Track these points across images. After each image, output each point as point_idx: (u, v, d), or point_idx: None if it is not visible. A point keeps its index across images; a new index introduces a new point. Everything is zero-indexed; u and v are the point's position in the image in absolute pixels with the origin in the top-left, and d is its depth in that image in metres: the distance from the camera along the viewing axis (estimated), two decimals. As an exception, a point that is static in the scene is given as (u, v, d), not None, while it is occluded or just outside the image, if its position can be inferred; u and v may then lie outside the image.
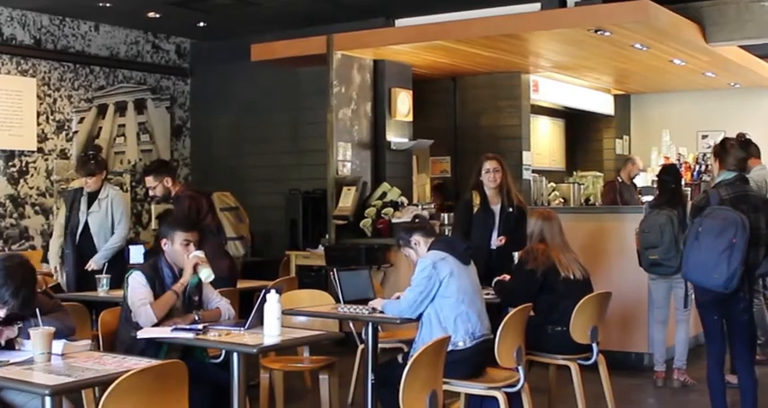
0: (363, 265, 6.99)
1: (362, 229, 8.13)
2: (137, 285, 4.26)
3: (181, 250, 4.35)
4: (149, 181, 6.12)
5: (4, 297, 3.59)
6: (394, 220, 7.88)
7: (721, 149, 4.97)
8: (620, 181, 9.22)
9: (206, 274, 4.34)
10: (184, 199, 5.98)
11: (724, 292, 4.61)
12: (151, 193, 6.23)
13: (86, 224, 6.54)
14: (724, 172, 4.90)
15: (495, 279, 5.37)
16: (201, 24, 9.61)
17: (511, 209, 5.97)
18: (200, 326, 4.11)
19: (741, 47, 9.26)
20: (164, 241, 4.39)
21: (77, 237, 6.54)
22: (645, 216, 6.32)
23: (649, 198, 7.57)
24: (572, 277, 5.12)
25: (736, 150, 4.92)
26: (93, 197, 6.60)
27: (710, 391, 4.94)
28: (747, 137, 5.23)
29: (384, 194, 8.31)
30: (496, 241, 5.93)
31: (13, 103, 8.76)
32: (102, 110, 9.71)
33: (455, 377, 4.32)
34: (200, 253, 4.36)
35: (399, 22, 8.95)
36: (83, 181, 6.57)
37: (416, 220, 5.26)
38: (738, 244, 4.53)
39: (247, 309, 4.29)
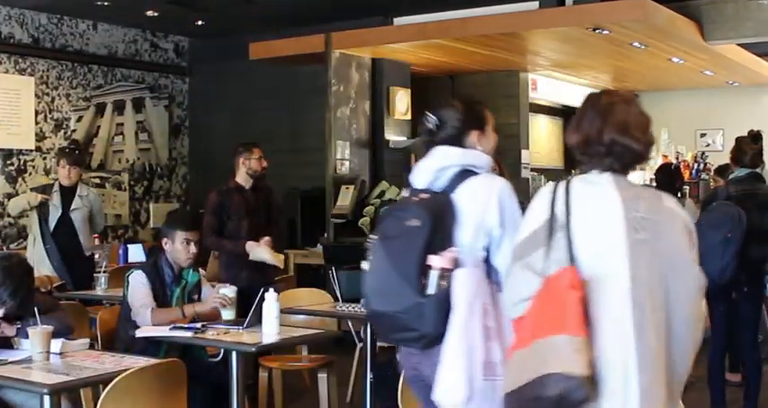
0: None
1: (361, 228, 8.13)
2: (137, 284, 4.27)
3: (181, 249, 4.35)
4: None
5: (3, 298, 3.58)
6: (392, 219, 7.88)
7: (735, 147, 5.09)
8: None
9: (228, 315, 4.24)
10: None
11: (718, 283, 4.73)
12: None
13: (63, 219, 6.52)
14: (737, 169, 5.02)
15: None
16: (200, 23, 9.61)
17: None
18: (198, 325, 4.12)
19: (739, 45, 9.26)
20: (164, 240, 4.40)
21: (54, 231, 6.53)
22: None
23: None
24: None
25: (746, 145, 5.02)
26: (67, 192, 6.58)
27: (710, 382, 5.07)
28: (757, 130, 5.25)
29: (383, 193, 8.31)
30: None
31: (11, 102, 8.75)
32: (100, 109, 9.70)
33: (454, 376, 4.32)
34: (231, 293, 4.26)
35: (398, 21, 8.94)
36: (65, 171, 6.56)
37: None
38: (733, 238, 4.68)
39: (246, 308, 4.29)
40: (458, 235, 2.73)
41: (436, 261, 2.63)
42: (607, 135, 2.31)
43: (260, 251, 5.53)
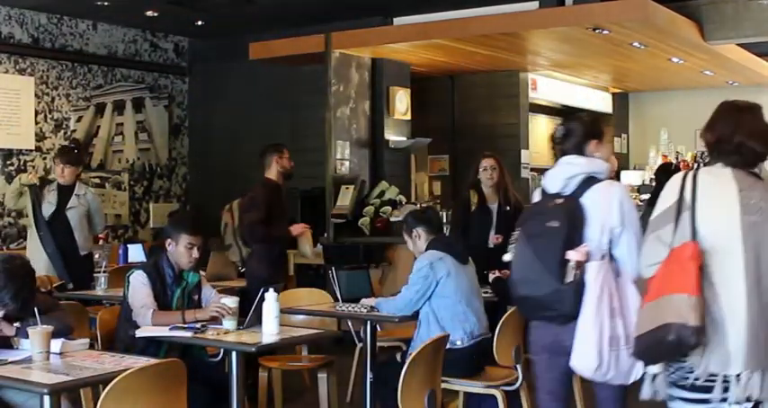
0: (362, 264, 7.00)
1: (361, 228, 8.13)
2: (138, 285, 4.26)
3: (184, 252, 4.33)
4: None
5: (5, 300, 3.57)
6: (392, 219, 7.89)
7: None
8: None
9: (230, 325, 4.12)
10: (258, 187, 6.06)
11: None
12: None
13: (59, 217, 6.53)
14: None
15: (494, 276, 5.37)
16: (200, 23, 9.61)
17: (508, 208, 5.97)
18: (198, 325, 4.11)
19: (739, 45, 9.26)
20: (168, 240, 4.38)
21: (50, 229, 6.53)
22: (642, 213, 6.32)
23: (647, 196, 7.58)
24: None
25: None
26: (65, 191, 6.59)
27: None
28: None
29: (382, 193, 8.31)
30: (494, 239, 5.93)
31: (11, 102, 8.75)
32: (100, 109, 9.70)
33: (454, 376, 4.32)
34: (233, 303, 4.14)
35: (398, 21, 8.94)
36: (59, 170, 6.59)
37: (427, 212, 5.25)
38: None
39: (246, 308, 4.29)
40: (587, 232, 3.34)
41: (573, 255, 3.26)
42: (737, 138, 2.87)
43: (305, 241, 6.00)
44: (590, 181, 3.41)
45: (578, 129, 3.58)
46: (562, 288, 3.25)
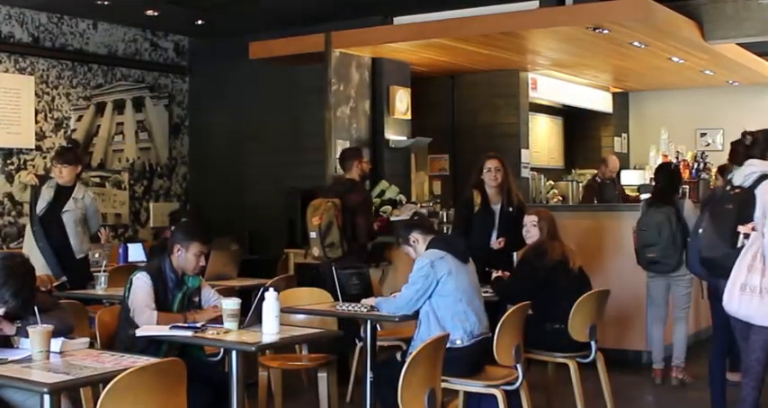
0: (362, 263, 6.99)
1: (361, 227, 8.12)
2: (142, 285, 4.26)
3: (193, 260, 4.35)
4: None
5: (5, 297, 3.56)
6: (392, 218, 7.88)
7: (732, 148, 5.17)
8: (599, 180, 9.32)
9: (232, 327, 4.09)
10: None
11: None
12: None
13: (54, 218, 6.52)
14: (735, 169, 5.02)
15: (494, 275, 5.37)
16: (200, 22, 9.60)
17: (511, 209, 5.96)
18: (198, 324, 4.11)
19: (739, 44, 9.27)
20: (177, 247, 4.37)
21: (46, 229, 6.53)
22: (642, 214, 6.33)
23: (647, 195, 7.58)
24: (576, 271, 5.15)
25: (739, 145, 5.06)
26: (63, 192, 6.58)
27: (710, 382, 5.05)
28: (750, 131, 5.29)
29: (382, 192, 8.31)
30: (495, 242, 5.92)
31: (11, 101, 8.75)
32: (100, 109, 9.70)
33: (454, 375, 4.32)
34: (235, 305, 4.11)
35: (398, 20, 8.95)
36: (57, 170, 6.57)
37: (415, 217, 5.29)
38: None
39: (246, 307, 4.29)
40: (755, 214, 4.31)
41: (741, 228, 4.31)
42: None
43: None
44: (765, 177, 4.37)
45: (760, 139, 4.58)
46: (732, 252, 4.28)
